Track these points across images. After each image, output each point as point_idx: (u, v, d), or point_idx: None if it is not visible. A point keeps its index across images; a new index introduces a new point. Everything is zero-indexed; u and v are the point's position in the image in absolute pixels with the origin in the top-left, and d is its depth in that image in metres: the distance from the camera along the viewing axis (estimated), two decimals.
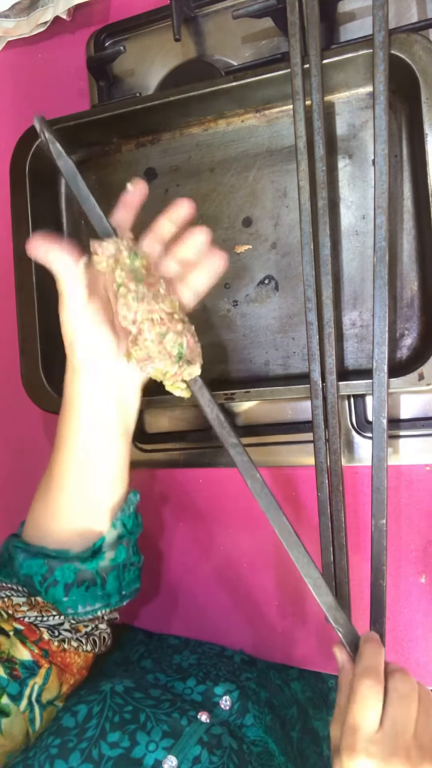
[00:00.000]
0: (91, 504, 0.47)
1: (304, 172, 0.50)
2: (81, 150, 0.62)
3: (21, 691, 0.44)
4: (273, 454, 0.58)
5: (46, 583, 0.46)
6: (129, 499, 0.49)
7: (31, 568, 0.46)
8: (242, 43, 0.59)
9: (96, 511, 0.47)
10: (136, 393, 0.47)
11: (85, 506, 0.47)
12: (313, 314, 0.50)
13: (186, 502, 0.62)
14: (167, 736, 0.42)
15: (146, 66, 0.63)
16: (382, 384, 0.48)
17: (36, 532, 0.48)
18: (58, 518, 0.47)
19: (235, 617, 0.60)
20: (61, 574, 0.46)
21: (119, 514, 0.48)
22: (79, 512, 0.47)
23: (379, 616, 0.48)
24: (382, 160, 0.47)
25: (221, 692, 0.49)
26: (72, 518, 0.47)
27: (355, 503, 0.55)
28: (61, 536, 0.47)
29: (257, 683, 0.54)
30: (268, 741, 0.48)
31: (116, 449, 0.47)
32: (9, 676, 0.44)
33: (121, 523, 0.48)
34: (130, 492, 0.50)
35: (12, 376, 0.62)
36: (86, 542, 0.47)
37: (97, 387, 0.45)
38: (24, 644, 0.45)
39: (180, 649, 0.59)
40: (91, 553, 0.47)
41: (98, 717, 0.43)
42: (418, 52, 0.47)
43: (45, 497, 0.48)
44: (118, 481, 0.48)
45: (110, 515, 0.48)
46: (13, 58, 0.71)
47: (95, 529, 0.47)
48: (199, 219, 0.58)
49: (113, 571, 0.48)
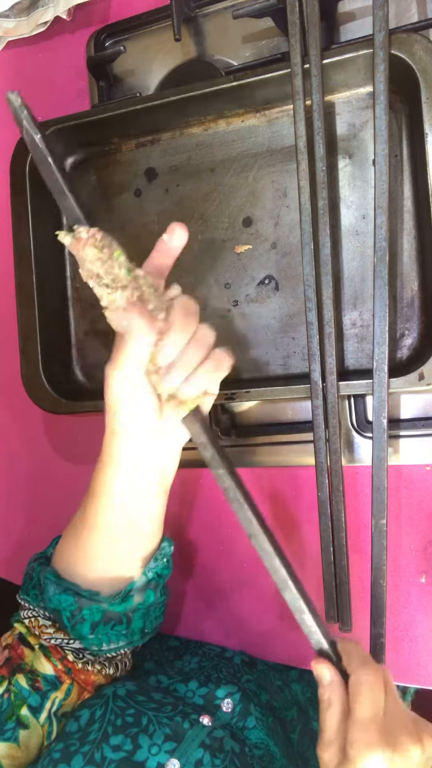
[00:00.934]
0: (123, 554, 0.47)
1: (305, 172, 0.50)
2: (81, 150, 0.62)
3: (42, 704, 0.44)
4: (273, 454, 0.58)
5: (74, 620, 0.45)
6: (163, 548, 0.48)
7: (61, 604, 0.46)
8: (242, 43, 0.59)
9: (128, 561, 0.47)
10: (176, 456, 0.46)
11: (117, 556, 0.46)
12: (313, 314, 0.50)
13: (186, 502, 0.62)
14: (170, 740, 0.42)
15: (146, 66, 0.63)
16: (382, 384, 0.48)
17: (66, 566, 0.47)
18: (90, 562, 0.47)
19: (236, 617, 0.60)
20: (89, 613, 0.45)
21: (152, 563, 0.48)
22: (111, 560, 0.46)
23: (379, 616, 0.48)
24: (382, 160, 0.47)
25: (223, 695, 0.49)
26: (104, 565, 0.46)
27: (355, 503, 0.55)
28: (92, 578, 0.46)
29: (257, 685, 0.54)
30: (270, 744, 0.47)
31: (152, 507, 0.46)
32: (31, 687, 0.44)
33: (154, 572, 0.48)
34: (164, 541, 0.49)
35: (12, 375, 0.62)
36: (116, 586, 0.47)
37: (137, 451, 0.44)
38: (48, 659, 0.46)
39: (180, 650, 0.59)
40: (121, 599, 0.46)
41: (101, 720, 0.43)
42: (418, 52, 0.47)
43: (76, 538, 0.47)
44: (152, 534, 0.47)
45: (142, 564, 0.47)
46: (13, 58, 0.71)
47: (126, 575, 0.47)
48: (200, 219, 0.58)
49: (139, 611, 0.47)
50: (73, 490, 0.54)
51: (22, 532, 0.70)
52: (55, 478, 0.68)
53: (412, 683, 0.54)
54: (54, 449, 0.68)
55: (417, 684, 0.54)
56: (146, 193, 0.60)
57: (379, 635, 0.49)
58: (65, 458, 0.68)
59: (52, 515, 0.68)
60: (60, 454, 0.68)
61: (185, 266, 0.59)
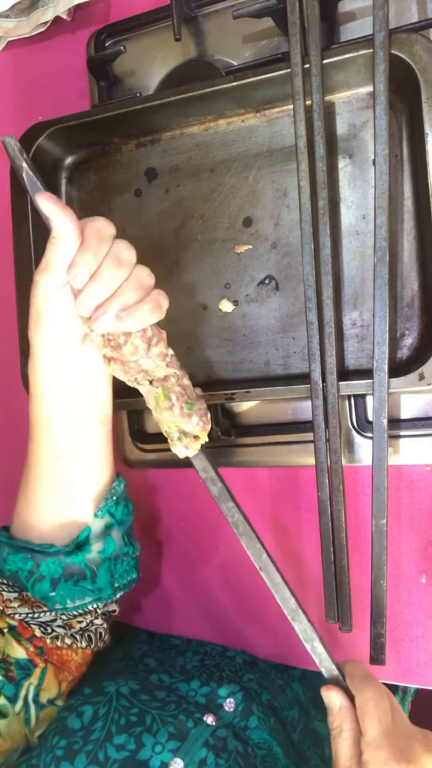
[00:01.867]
0: (70, 494, 0.46)
1: (305, 172, 0.50)
2: (81, 150, 0.62)
3: (17, 693, 0.44)
4: (273, 454, 0.58)
5: (33, 578, 0.45)
6: (113, 487, 0.48)
7: (16, 564, 0.45)
8: (242, 43, 0.59)
9: (76, 501, 0.46)
10: (106, 385, 0.46)
11: (64, 497, 0.46)
12: (313, 314, 0.50)
13: (186, 502, 0.62)
14: (173, 738, 0.42)
15: (146, 66, 0.63)
16: (382, 384, 0.48)
17: (20, 526, 0.47)
18: (39, 511, 0.46)
19: (237, 617, 0.60)
20: (47, 568, 0.45)
21: (103, 503, 0.47)
22: (58, 503, 0.46)
23: (380, 616, 0.48)
24: (382, 160, 0.47)
25: (225, 694, 0.49)
26: (52, 510, 0.46)
27: (355, 503, 0.55)
28: (44, 530, 0.46)
29: (259, 684, 0.54)
30: (273, 744, 0.47)
31: (92, 437, 0.46)
32: (4, 677, 0.44)
33: (106, 512, 0.47)
34: (115, 480, 0.48)
35: (12, 375, 0.62)
36: (70, 535, 0.46)
37: (61, 374, 0.44)
38: (19, 642, 0.45)
39: (182, 649, 0.59)
40: (75, 546, 0.46)
41: (104, 719, 0.43)
42: (418, 52, 0.47)
43: (25, 490, 0.47)
44: (98, 469, 0.47)
45: (93, 505, 0.47)
46: (13, 58, 0.71)
47: (78, 520, 0.46)
48: (200, 219, 0.58)
49: (104, 564, 0.47)
50: None
51: None
52: None
53: (412, 683, 0.54)
54: None
55: (417, 684, 0.54)
56: (146, 193, 0.60)
57: (380, 635, 0.49)
58: None
59: None
60: None
61: (185, 266, 0.59)
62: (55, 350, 0.43)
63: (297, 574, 0.58)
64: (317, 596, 0.56)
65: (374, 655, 0.49)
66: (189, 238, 0.59)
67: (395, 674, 0.54)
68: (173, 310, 0.60)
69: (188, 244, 0.59)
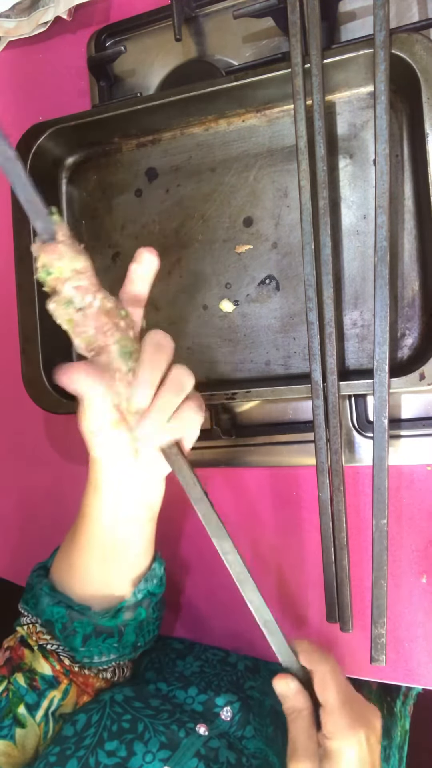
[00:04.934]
0: (113, 575, 0.47)
1: (305, 172, 0.50)
2: (81, 150, 0.62)
3: (38, 702, 0.44)
4: (274, 454, 0.58)
5: (66, 631, 0.46)
6: (153, 569, 0.48)
7: (53, 615, 0.46)
8: (243, 42, 0.59)
9: (118, 581, 0.47)
10: (159, 488, 0.46)
11: (107, 576, 0.47)
12: (314, 314, 0.50)
13: (187, 503, 0.62)
14: (164, 748, 0.42)
15: (147, 66, 0.63)
16: (383, 384, 0.48)
17: (61, 580, 0.48)
18: (81, 579, 0.47)
19: (238, 619, 0.60)
20: (81, 626, 0.46)
21: (142, 584, 0.48)
22: (101, 580, 0.47)
23: (380, 616, 0.48)
24: (383, 160, 0.47)
25: (222, 703, 0.49)
26: (94, 584, 0.47)
27: (356, 503, 0.55)
28: (83, 595, 0.47)
29: (261, 691, 0.53)
30: (269, 753, 0.47)
31: (140, 534, 0.46)
32: (29, 686, 0.44)
33: (144, 593, 0.48)
34: (155, 562, 0.49)
35: (13, 375, 0.62)
36: (107, 604, 0.47)
37: (117, 484, 0.44)
38: (46, 659, 0.46)
39: (184, 654, 0.59)
40: (112, 615, 0.46)
41: (96, 725, 0.43)
42: (419, 52, 0.47)
43: (69, 555, 0.47)
44: (141, 558, 0.47)
45: (133, 585, 0.47)
46: (13, 58, 0.71)
47: (117, 595, 0.47)
48: (200, 219, 0.58)
49: (131, 625, 0.48)
50: (73, 490, 0.54)
51: (22, 531, 0.70)
52: (56, 478, 0.68)
53: (413, 683, 0.54)
54: (54, 449, 0.68)
55: (418, 684, 0.54)
56: (147, 193, 0.60)
57: (380, 635, 0.49)
58: (65, 458, 0.68)
59: (53, 515, 0.68)
60: (60, 454, 0.68)
61: (186, 266, 0.59)
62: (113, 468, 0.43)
63: (297, 574, 0.58)
64: (317, 596, 0.56)
65: (375, 656, 0.49)
66: (189, 238, 0.59)
67: (396, 674, 0.54)
68: (174, 310, 0.60)
69: (189, 244, 0.59)
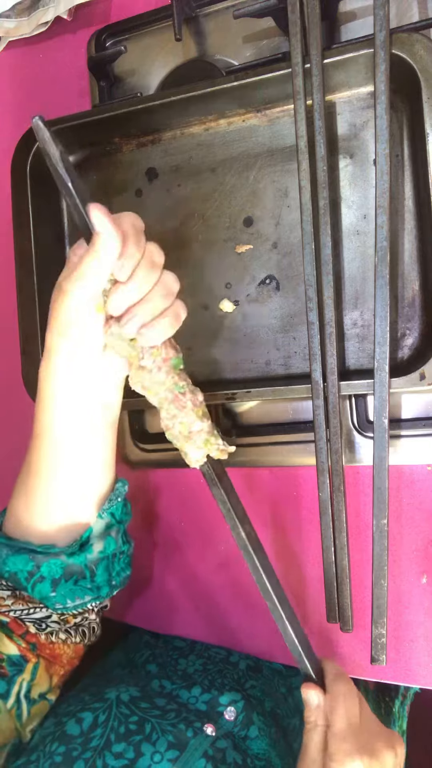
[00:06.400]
0: (75, 495, 0.45)
1: (305, 172, 0.50)
2: (82, 150, 0.62)
3: (9, 690, 0.43)
4: (274, 454, 0.58)
5: (33, 579, 0.44)
6: (117, 489, 0.48)
7: (16, 565, 0.45)
8: (243, 42, 0.59)
9: (81, 502, 0.46)
10: (119, 390, 0.45)
11: (68, 497, 0.45)
12: (314, 314, 0.50)
13: (187, 502, 0.62)
14: (172, 748, 0.42)
15: (147, 66, 0.63)
16: (383, 384, 0.48)
17: (18, 526, 0.46)
18: (41, 511, 0.45)
19: (239, 618, 0.60)
20: (48, 569, 0.44)
21: (106, 504, 0.47)
22: (62, 504, 0.45)
23: (380, 616, 0.48)
24: (383, 160, 0.47)
25: (226, 702, 0.49)
26: (55, 511, 0.45)
27: (356, 503, 0.55)
28: (45, 530, 0.45)
29: (262, 691, 0.53)
30: (272, 755, 0.47)
31: (99, 439, 0.45)
32: None
33: (109, 513, 0.47)
34: (118, 481, 0.48)
35: (13, 375, 0.62)
36: (72, 535, 0.46)
37: (77, 384, 0.43)
38: (10, 638, 0.45)
39: (186, 652, 0.59)
40: (78, 547, 0.45)
41: (103, 726, 0.43)
42: (419, 52, 0.47)
43: (25, 490, 0.46)
44: (103, 471, 0.46)
45: (97, 506, 0.46)
46: (14, 58, 0.71)
47: (81, 520, 0.46)
48: (200, 219, 0.58)
49: (102, 563, 0.47)
50: None
51: None
52: None
53: (413, 683, 0.54)
54: None
55: (418, 684, 0.54)
56: (147, 193, 0.60)
57: (380, 635, 0.49)
58: None
59: None
60: None
61: (186, 266, 0.59)
62: (76, 358, 0.42)
63: (297, 574, 0.58)
64: (318, 596, 0.56)
65: (375, 655, 0.49)
66: (190, 238, 0.59)
67: (396, 674, 0.54)
68: None
69: (189, 244, 0.59)
